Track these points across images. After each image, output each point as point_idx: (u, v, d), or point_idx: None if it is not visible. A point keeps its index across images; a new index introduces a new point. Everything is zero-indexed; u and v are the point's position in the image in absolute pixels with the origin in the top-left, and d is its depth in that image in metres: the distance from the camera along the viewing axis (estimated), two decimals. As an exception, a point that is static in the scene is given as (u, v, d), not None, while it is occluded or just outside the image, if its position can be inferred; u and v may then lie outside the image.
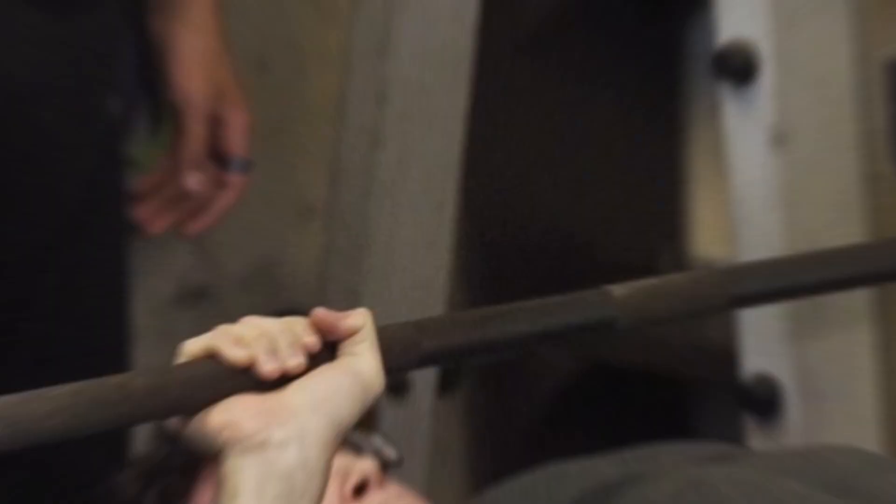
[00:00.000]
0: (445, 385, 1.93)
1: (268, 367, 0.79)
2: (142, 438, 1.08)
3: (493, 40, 1.78)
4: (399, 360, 0.87)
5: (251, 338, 0.80)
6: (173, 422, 0.80)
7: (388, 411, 1.74)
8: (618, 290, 1.06)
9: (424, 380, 1.82)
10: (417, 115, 1.75)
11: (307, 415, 0.79)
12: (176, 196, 1.38)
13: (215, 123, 1.36)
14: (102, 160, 1.30)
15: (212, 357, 0.79)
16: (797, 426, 1.65)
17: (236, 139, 1.38)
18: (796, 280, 1.16)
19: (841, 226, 1.63)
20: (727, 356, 1.73)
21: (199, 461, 0.95)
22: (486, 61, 1.73)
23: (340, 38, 1.87)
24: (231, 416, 0.78)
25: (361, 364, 0.82)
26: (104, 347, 1.32)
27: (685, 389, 2.21)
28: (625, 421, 1.99)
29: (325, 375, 0.81)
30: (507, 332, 1.01)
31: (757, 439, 1.70)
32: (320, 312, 0.81)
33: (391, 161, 1.74)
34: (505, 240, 2.07)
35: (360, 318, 0.82)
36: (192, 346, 0.81)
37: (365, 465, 1.01)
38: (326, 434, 0.80)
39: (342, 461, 1.00)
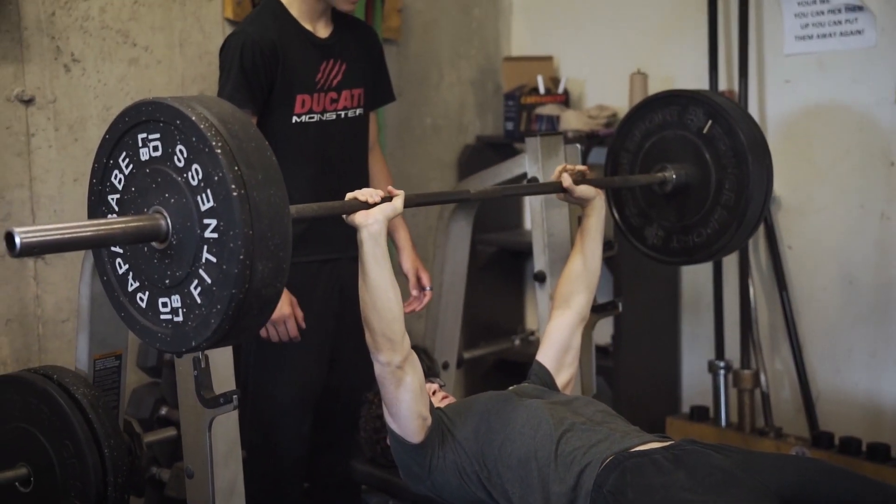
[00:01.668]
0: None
1: (370, 201, 2.00)
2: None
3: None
4: (409, 203, 2.07)
5: (366, 193, 2.01)
6: (346, 217, 1.99)
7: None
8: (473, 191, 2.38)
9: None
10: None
11: (379, 215, 1.99)
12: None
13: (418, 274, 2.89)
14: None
15: (354, 197, 2.00)
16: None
17: (425, 279, 2.88)
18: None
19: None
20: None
21: None
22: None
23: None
24: (357, 216, 1.99)
25: (397, 202, 2.04)
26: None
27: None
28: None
29: (384, 205, 2.01)
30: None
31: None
32: (389, 188, 2.06)
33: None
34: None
35: (399, 191, 2.05)
36: (350, 195, 2.01)
37: (436, 385, 2.40)
38: (384, 220, 2.00)
39: (428, 384, 2.28)
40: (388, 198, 2.03)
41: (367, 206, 1.99)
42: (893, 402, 3.16)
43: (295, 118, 2.66)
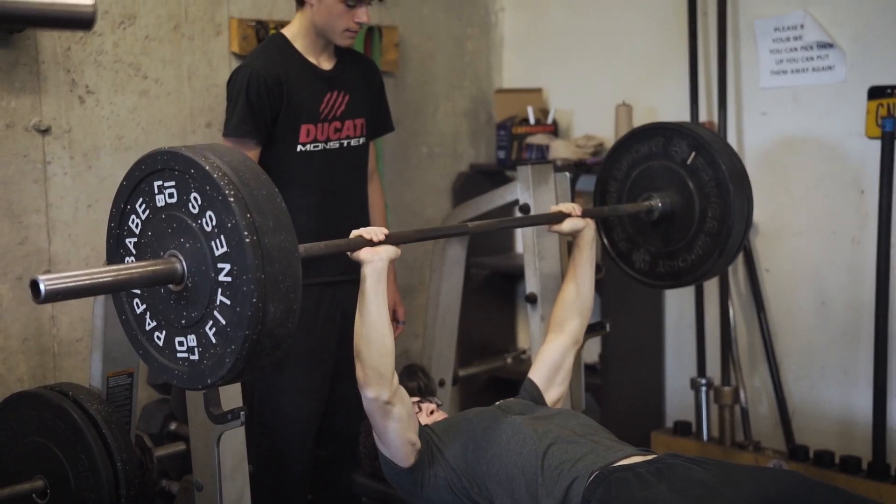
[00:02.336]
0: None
1: (374, 238, 2.00)
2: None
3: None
4: (411, 239, 2.16)
5: (370, 231, 2.01)
6: (351, 254, 1.99)
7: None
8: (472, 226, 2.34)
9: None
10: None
11: (384, 254, 2.00)
12: None
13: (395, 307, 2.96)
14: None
15: (360, 235, 2.01)
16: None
17: (400, 313, 3.01)
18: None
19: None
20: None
21: None
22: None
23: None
24: (362, 252, 1.99)
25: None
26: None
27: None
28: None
29: (389, 246, 2.02)
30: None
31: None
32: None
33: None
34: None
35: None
36: (354, 232, 2.00)
37: (433, 405, 2.38)
38: (387, 259, 2.01)
39: (426, 404, 2.37)
40: (396, 236, 2.05)
41: (371, 243, 2.00)
42: (864, 417, 3.18)
43: (300, 147, 2.69)
